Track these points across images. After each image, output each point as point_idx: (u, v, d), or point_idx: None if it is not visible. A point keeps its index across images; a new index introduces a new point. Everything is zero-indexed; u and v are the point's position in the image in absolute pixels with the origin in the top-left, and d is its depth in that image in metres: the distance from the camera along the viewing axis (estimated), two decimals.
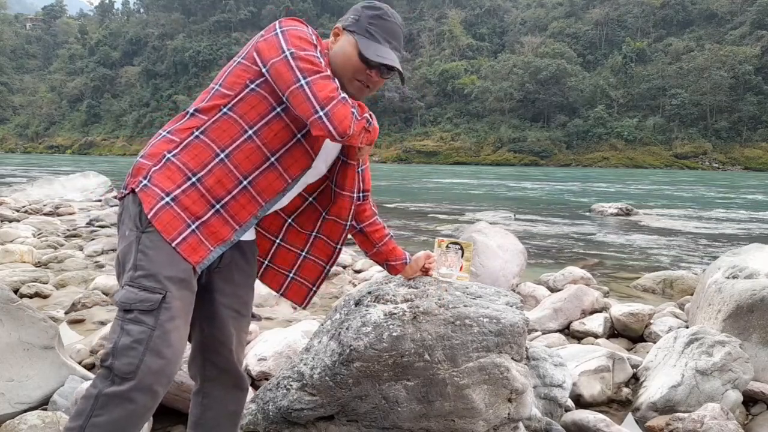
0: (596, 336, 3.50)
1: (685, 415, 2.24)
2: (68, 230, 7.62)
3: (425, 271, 1.94)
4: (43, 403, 2.28)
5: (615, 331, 3.66)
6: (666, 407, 2.40)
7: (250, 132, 1.42)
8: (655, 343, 3.08)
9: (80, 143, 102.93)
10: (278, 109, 1.43)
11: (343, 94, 1.37)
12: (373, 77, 1.49)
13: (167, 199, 1.35)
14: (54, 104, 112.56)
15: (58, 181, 13.12)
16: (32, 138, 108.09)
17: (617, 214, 12.61)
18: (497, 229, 5.06)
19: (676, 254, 7.70)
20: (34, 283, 4.35)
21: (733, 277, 3.02)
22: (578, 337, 3.56)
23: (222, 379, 1.61)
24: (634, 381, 2.77)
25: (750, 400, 2.52)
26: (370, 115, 1.45)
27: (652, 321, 3.61)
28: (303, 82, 1.33)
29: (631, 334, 3.58)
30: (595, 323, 3.58)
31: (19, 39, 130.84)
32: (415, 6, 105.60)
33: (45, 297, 4.23)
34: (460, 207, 14.49)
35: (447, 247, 1.94)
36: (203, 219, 1.39)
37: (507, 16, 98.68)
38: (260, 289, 3.82)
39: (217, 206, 1.41)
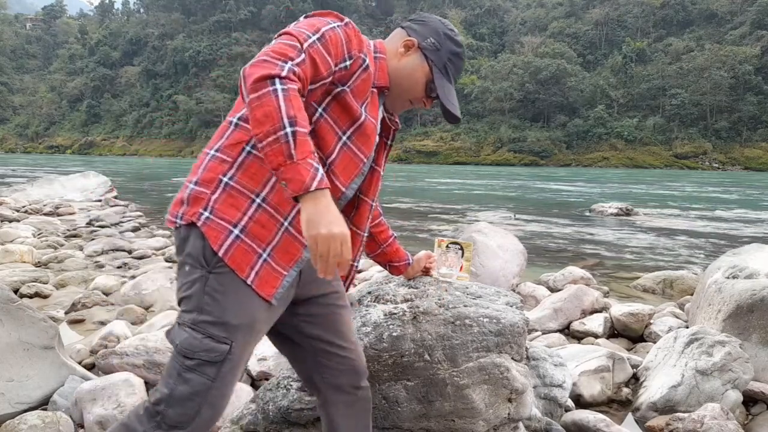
0: (596, 336, 3.50)
1: (685, 415, 2.24)
2: (68, 230, 7.63)
3: (425, 271, 1.94)
4: (43, 403, 2.29)
5: (615, 331, 3.66)
6: (666, 407, 2.40)
7: None
8: (655, 343, 3.08)
9: (80, 143, 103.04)
10: (319, 110, 1.30)
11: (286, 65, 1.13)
12: (424, 105, 1.47)
13: (236, 231, 1.23)
14: (54, 104, 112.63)
15: (58, 181, 13.12)
16: (32, 138, 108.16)
17: (617, 214, 12.60)
18: (497, 229, 5.05)
19: (676, 254, 7.70)
20: (34, 283, 4.35)
21: (733, 277, 3.02)
22: (578, 337, 3.56)
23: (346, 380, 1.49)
24: (634, 381, 2.77)
25: (750, 400, 2.52)
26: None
27: (652, 321, 3.61)
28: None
29: (631, 334, 3.58)
30: (595, 323, 3.58)
31: (19, 39, 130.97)
32: (415, 6, 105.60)
33: (45, 297, 4.23)
34: (460, 207, 14.50)
35: (447, 247, 1.93)
36: (273, 243, 1.27)
37: (507, 16, 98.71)
38: None
39: (285, 224, 1.28)
